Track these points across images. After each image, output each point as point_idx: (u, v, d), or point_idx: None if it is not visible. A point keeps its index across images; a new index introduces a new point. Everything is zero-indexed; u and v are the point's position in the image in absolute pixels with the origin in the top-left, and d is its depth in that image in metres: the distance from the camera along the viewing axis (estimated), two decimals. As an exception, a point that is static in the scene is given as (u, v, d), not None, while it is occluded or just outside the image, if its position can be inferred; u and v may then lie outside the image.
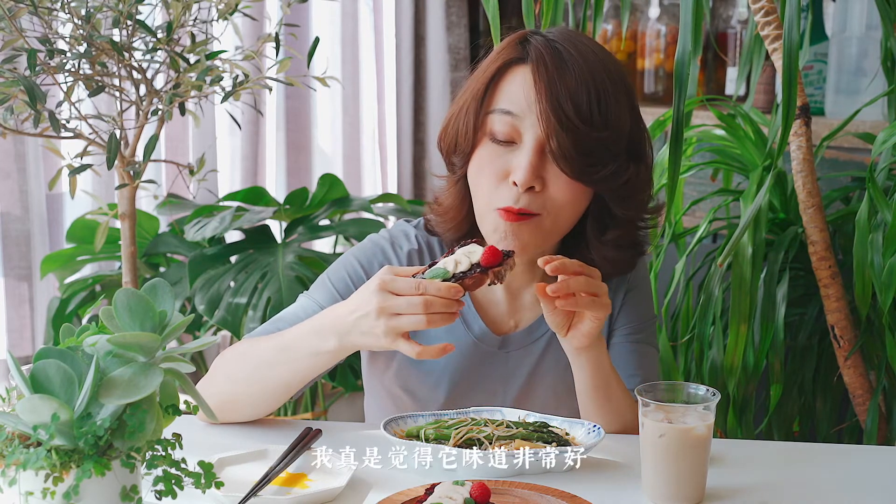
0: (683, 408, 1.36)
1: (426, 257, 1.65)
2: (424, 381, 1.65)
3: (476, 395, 1.64)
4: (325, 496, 1.34)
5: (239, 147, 3.05)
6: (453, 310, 1.35)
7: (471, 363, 1.63)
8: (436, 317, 1.35)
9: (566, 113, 1.44)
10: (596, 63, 1.47)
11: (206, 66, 1.93)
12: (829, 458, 1.55)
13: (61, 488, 1.11)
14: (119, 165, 2.00)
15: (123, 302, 1.17)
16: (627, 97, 1.50)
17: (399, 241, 1.65)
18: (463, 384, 1.64)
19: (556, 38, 1.49)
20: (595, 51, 1.49)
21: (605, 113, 1.45)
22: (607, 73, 1.47)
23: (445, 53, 3.42)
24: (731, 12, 3.20)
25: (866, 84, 2.71)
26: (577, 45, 1.48)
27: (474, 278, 1.37)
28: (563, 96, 1.44)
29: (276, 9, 2.94)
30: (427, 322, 1.35)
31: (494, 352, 1.64)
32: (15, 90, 1.83)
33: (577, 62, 1.45)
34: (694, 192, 2.73)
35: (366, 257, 1.63)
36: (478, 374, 1.64)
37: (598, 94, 1.45)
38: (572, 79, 1.44)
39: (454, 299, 1.35)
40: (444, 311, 1.35)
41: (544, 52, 1.46)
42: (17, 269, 2.61)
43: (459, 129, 1.51)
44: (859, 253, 1.88)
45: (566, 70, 1.45)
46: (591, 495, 1.35)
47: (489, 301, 1.66)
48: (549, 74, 1.45)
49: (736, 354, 1.94)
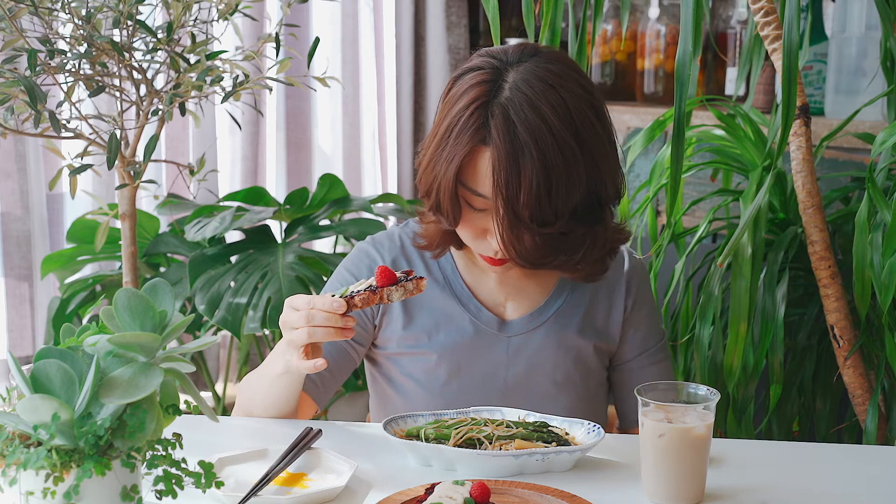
0: (683, 408, 1.36)
1: (411, 255, 1.71)
2: (425, 361, 1.68)
3: (477, 379, 1.68)
4: (325, 496, 1.34)
5: (239, 147, 3.05)
6: (338, 324, 1.43)
7: (472, 344, 1.68)
8: (318, 329, 1.43)
9: (519, 216, 1.48)
10: (551, 144, 1.47)
11: (206, 67, 1.93)
12: (829, 457, 1.55)
13: (62, 488, 1.11)
14: (119, 165, 2.00)
15: (124, 302, 1.17)
16: (590, 156, 1.51)
17: (382, 243, 1.72)
18: (464, 366, 1.68)
19: (517, 107, 1.48)
20: (557, 114, 1.48)
21: (556, 205, 1.49)
22: (563, 149, 1.48)
23: (445, 53, 3.42)
24: (730, 13, 3.21)
25: (866, 84, 2.71)
26: (537, 115, 1.48)
27: (363, 296, 1.44)
28: (517, 201, 1.47)
29: (277, 9, 2.94)
30: (309, 335, 1.43)
31: (495, 334, 1.68)
32: (15, 90, 1.83)
33: (532, 154, 1.46)
34: (694, 192, 2.73)
35: (354, 265, 1.72)
36: (478, 356, 1.68)
37: (549, 188, 1.48)
38: (526, 176, 1.46)
39: (337, 314, 1.42)
40: (327, 325, 1.43)
41: (501, 143, 1.47)
42: (17, 269, 2.61)
43: (439, 192, 1.53)
44: (859, 253, 1.88)
45: (523, 166, 1.47)
46: (591, 495, 1.35)
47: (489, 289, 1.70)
48: (505, 175, 1.47)
49: (736, 354, 1.95)
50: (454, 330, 1.67)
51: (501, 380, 1.68)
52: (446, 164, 1.51)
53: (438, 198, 1.54)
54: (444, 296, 1.68)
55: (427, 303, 1.68)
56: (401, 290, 1.45)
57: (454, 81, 1.56)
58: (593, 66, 3.35)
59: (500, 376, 1.68)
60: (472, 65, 1.56)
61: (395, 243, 1.72)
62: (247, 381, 1.67)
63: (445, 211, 1.54)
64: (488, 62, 1.54)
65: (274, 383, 1.59)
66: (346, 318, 1.44)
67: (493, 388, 1.67)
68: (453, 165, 1.50)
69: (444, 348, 1.67)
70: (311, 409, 1.69)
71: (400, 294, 1.45)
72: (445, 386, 1.67)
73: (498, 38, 1.89)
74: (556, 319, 1.69)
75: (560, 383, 1.68)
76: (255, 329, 2.42)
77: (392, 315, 1.69)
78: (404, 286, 1.45)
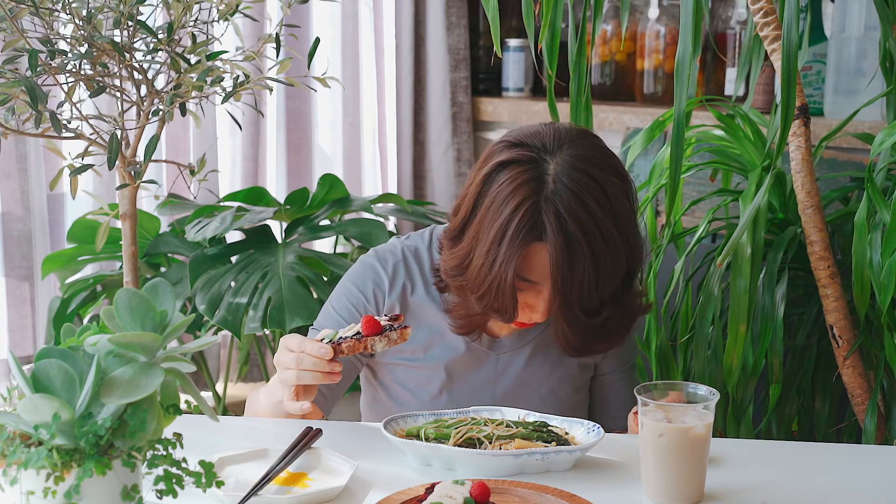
0: (683, 407, 1.37)
1: (412, 266, 1.75)
2: (419, 373, 1.74)
3: (466, 393, 1.74)
4: (326, 495, 1.35)
5: (239, 147, 3.06)
6: (324, 369, 1.49)
7: (463, 360, 1.74)
8: (306, 373, 1.49)
9: (570, 307, 1.56)
10: (598, 237, 1.53)
11: (206, 67, 1.93)
12: (828, 457, 1.55)
13: (62, 487, 1.12)
14: (120, 166, 2.00)
15: (124, 302, 1.17)
16: (626, 241, 1.57)
17: (384, 256, 1.76)
18: (455, 380, 1.74)
19: (565, 202, 1.53)
20: (600, 206, 1.54)
21: (602, 294, 1.57)
22: (607, 241, 1.54)
23: (445, 54, 3.43)
24: (730, 13, 3.21)
25: (865, 84, 2.71)
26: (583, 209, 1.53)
27: (349, 343, 1.50)
28: (570, 293, 1.54)
29: (277, 9, 2.94)
30: (297, 377, 1.50)
31: (485, 352, 1.74)
32: (16, 91, 1.83)
33: (583, 248, 1.52)
34: (693, 193, 2.73)
35: (360, 279, 1.76)
36: (469, 372, 1.75)
37: (597, 278, 1.55)
38: (578, 268, 1.53)
39: (324, 359, 1.49)
40: (314, 370, 1.49)
41: (555, 238, 1.52)
42: (18, 269, 2.61)
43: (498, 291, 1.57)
44: (858, 253, 1.88)
45: (575, 260, 1.53)
46: (591, 495, 1.36)
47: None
48: (561, 269, 1.53)
49: (735, 354, 1.95)
50: (447, 346, 1.73)
51: (490, 394, 1.75)
52: (505, 265, 1.54)
53: (496, 296, 1.57)
54: (439, 313, 1.73)
55: (423, 319, 1.73)
56: (385, 339, 1.52)
57: (489, 179, 1.58)
58: (593, 66, 3.35)
59: (488, 391, 1.75)
60: (505, 158, 1.57)
61: (398, 257, 1.75)
62: (254, 396, 1.73)
63: (503, 308, 1.58)
64: (525, 154, 1.56)
65: (270, 410, 1.65)
66: (332, 364, 1.50)
67: (481, 402, 1.73)
68: (512, 266, 1.54)
69: (437, 362, 1.73)
70: (318, 416, 1.71)
71: (384, 344, 1.52)
72: (436, 398, 1.74)
73: (498, 38, 1.89)
74: (543, 338, 1.75)
75: (545, 397, 1.76)
76: (256, 329, 2.42)
77: None
78: (388, 336, 1.52)
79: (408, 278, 1.74)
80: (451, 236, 1.64)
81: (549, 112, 2.01)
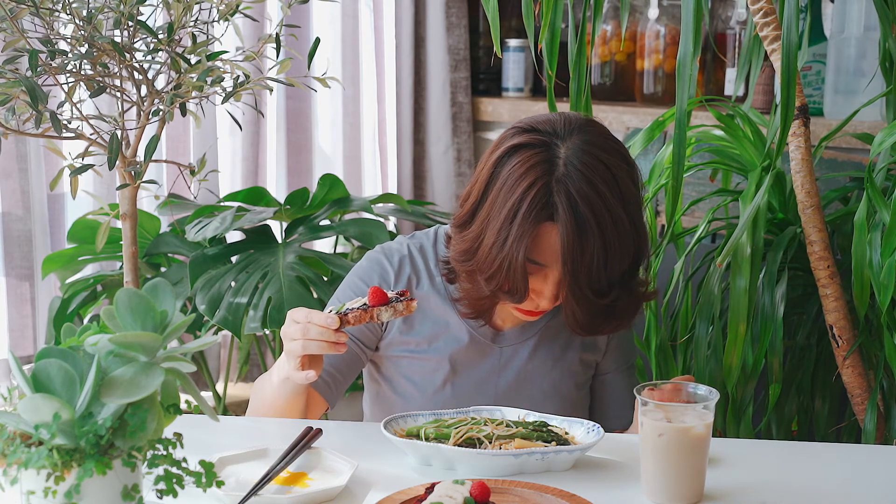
0: (682, 407, 1.37)
1: (417, 261, 1.77)
2: (423, 365, 1.76)
3: (470, 385, 1.75)
4: (326, 495, 1.35)
5: (240, 147, 3.05)
6: (331, 339, 1.50)
7: (467, 352, 1.75)
8: (312, 343, 1.50)
9: (580, 287, 1.57)
10: (608, 219, 1.56)
11: (206, 67, 1.93)
12: (828, 457, 1.55)
13: (63, 487, 1.12)
14: (120, 166, 2.00)
15: (125, 302, 1.17)
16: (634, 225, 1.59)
17: (391, 251, 1.78)
18: (459, 373, 1.75)
19: (576, 184, 1.55)
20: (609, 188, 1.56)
21: (611, 276, 1.58)
22: (616, 223, 1.56)
23: (445, 54, 3.43)
24: (729, 13, 3.21)
25: (864, 85, 2.71)
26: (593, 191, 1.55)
27: (355, 314, 1.51)
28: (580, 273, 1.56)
29: (277, 10, 2.94)
30: (304, 347, 1.51)
31: (489, 344, 1.76)
32: (16, 91, 1.84)
33: (593, 229, 1.55)
34: (693, 193, 2.73)
35: (366, 273, 1.78)
36: (473, 364, 1.76)
37: (606, 260, 1.56)
38: (588, 250, 1.55)
39: (330, 329, 1.49)
40: (320, 339, 1.50)
41: (567, 218, 1.54)
42: (18, 268, 2.61)
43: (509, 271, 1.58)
44: (858, 253, 1.88)
45: (585, 241, 1.55)
46: (591, 495, 1.36)
47: None
48: (572, 249, 1.55)
49: (735, 354, 1.95)
50: (451, 338, 1.75)
51: (493, 387, 1.76)
52: (517, 243, 1.56)
53: (507, 276, 1.58)
54: (445, 306, 1.75)
55: (429, 312, 1.75)
56: (391, 310, 1.52)
57: (501, 162, 1.60)
58: (593, 66, 3.35)
59: (491, 384, 1.76)
60: (518, 142, 1.60)
61: (404, 253, 1.78)
62: (258, 383, 1.73)
63: (514, 288, 1.59)
64: (537, 139, 1.59)
65: (278, 388, 1.64)
66: (339, 334, 1.50)
67: (485, 395, 1.75)
68: (523, 245, 1.55)
69: (441, 355, 1.75)
70: (322, 407, 1.75)
71: (390, 314, 1.52)
72: (440, 390, 1.75)
73: (498, 38, 1.89)
74: (546, 332, 1.77)
75: (547, 392, 1.77)
76: (256, 329, 2.43)
77: (396, 321, 1.75)
78: (394, 307, 1.52)
79: (413, 272, 1.76)
80: (460, 223, 1.65)
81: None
